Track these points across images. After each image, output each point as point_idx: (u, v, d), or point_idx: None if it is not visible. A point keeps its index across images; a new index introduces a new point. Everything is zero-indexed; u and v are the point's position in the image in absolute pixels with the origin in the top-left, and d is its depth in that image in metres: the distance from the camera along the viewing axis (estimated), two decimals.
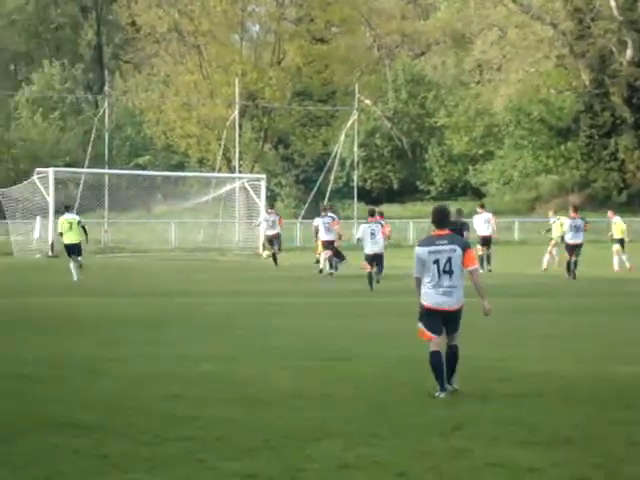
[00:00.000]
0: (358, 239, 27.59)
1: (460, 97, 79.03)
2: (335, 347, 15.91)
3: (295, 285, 28.88)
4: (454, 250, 11.70)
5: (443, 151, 79.03)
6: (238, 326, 18.86)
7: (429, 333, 11.74)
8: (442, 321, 11.74)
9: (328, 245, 32.41)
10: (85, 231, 29.75)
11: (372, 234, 26.87)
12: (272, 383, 12.66)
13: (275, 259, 35.93)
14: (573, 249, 30.66)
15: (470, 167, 78.37)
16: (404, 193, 77.93)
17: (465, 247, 11.82)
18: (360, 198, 61.94)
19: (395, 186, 79.59)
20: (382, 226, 28.47)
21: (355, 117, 59.19)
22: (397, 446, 9.31)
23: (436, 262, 11.65)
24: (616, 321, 20.38)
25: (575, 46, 72.79)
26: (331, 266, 32.11)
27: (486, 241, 33.84)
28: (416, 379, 12.72)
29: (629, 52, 71.87)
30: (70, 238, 29.24)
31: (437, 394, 11.57)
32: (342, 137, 60.49)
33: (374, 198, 75.46)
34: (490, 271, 32.70)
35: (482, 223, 33.87)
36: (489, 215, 34.70)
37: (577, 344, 16.63)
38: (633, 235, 44.20)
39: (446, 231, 11.90)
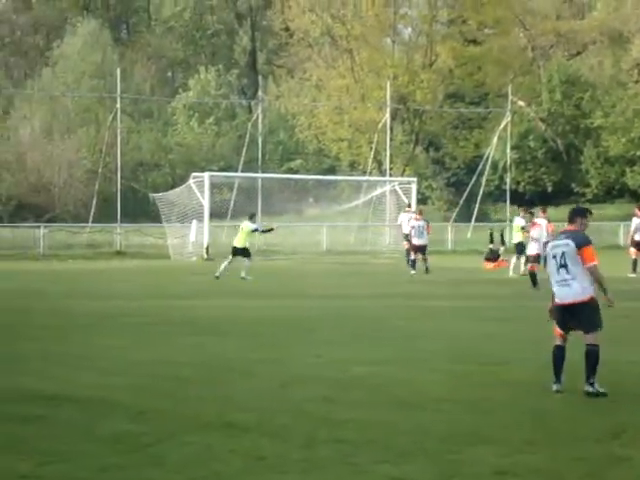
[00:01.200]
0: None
1: (617, 97, 77.23)
2: (488, 351, 15.71)
3: (447, 288, 28.68)
4: (567, 244, 12.00)
5: (599, 153, 77.34)
6: (389, 329, 18.82)
7: (556, 327, 12.29)
8: (564, 315, 12.10)
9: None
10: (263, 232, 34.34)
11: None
12: (424, 387, 12.58)
13: (414, 264, 35.07)
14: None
15: (627, 169, 76.50)
16: (558, 196, 76.51)
17: (582, 243, 11.98)
18: (513, 201, 61.16)
19: (549, 189, 78.26)
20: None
21: (508, 119, 58.51)
22: (553, 453, 9.12)
23: (554, 257, 12.15)
24: None
25: None
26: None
27: (638, 245, 32.87)
28: (571, 385, 12.45)
29: None
30: (236, 242, 32.24)
31: (553, 387, 12.02)
32: (494, 139, 59.87)
33: (527, 201, 74.35)
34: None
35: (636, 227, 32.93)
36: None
37: None
38: None
39: (571, 227, 12.27)
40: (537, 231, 28.70)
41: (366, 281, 31.85)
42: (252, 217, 33.54)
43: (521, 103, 72.96)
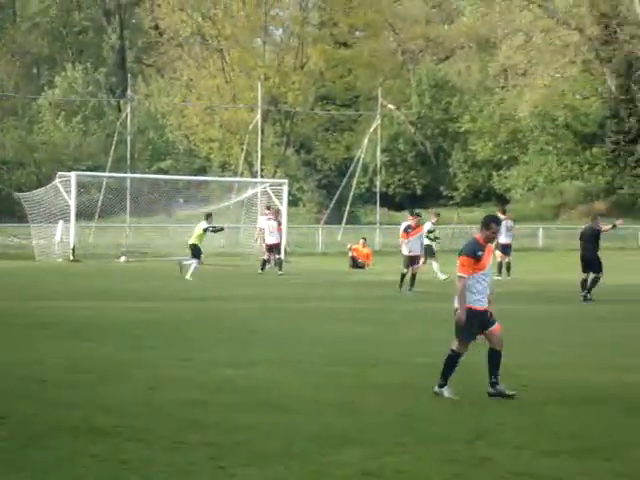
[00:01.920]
0: None
1: (484, 102, 78.78)
2: (359, 353, 15.78)
3: (318, 290, 28.75)
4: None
5: (467, 156, 78.79)
6: (260, 331, 18.76)
7: None
8: None
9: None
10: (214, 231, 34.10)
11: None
12: (295, 389, 12.55)
13: (264, 265, 35.34)
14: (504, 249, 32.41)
15: (494, 173, 78.09)
16: (427, 199, 77.62)
17: (459, 252, 12.23)
18: (383, 204, 61.76)
19: (418, 192, 79.36)
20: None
21: (378, 122, 59.05)
22: (420, 454, 9.17)
23: None
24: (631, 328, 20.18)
25: (601, 51, 72.42)
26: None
27: (506, 248, 33.47)
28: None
29: None
30: (190, 240, 33.27)
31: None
32: (365, 142, 60.35)
33: (397, 203, 75.28)
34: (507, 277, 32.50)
35: (504, 230, 33.40)
36: (511, 222, 34.33)
37: (598, 351, 16.48)
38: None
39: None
40: (420, 233, 28.83)
41: (237, 283, 31.72)
42: (208, 217, 33.80)
43: (391, 106, 73.69)
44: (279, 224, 36.50)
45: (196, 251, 32.73)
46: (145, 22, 73.07)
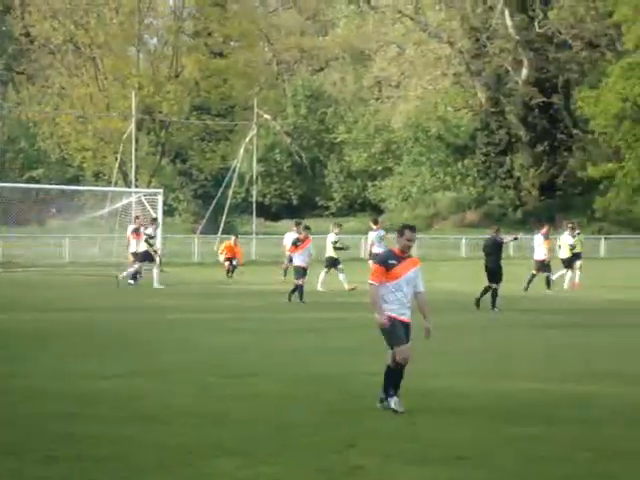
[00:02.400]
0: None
1: (359, 113, 79.63)
2: (236, 363, 15.78)
3: (195, 301, 28.63)
4: None
5: (342, 167, 79.50)
6: (137, 342, 18.61)
7: None
8: None
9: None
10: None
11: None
12: (168, 400, 12.49)
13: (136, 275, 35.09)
14: None
15: (369, 183, 78.96)
16: (303, 209, 78.08)
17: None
18: (259, 214, 61.84)
19: (294, 202, 79.75)
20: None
21: (254, 132, 59.11)
22: (294, 464, 9.25)
23: None
24: (510, 337, 20.63)
25: (472, 64, 73.95)
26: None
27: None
28: (315, 396, 12.72)
29: (524, 71, 73.25)
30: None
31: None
32: (241, 152, 60.34)
33: (273, 214, 75.53)
34: None
35: (377, 240, 33.75)
36: (383, 232, 34.67)
37: (471, 360, 16.78)
38: (528, 252, 44.79)
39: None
40: (309, 246, 28.85)
41: (111, 293, 31.37)
42: (154, 221, 34.90)
43: (267, 116, 73.96)
44: (137, 233, 35.71)
45: (146, 256, 33.22)
46: (16, 29, 71.74)
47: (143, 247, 34.46)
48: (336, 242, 32.87)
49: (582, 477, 8.87)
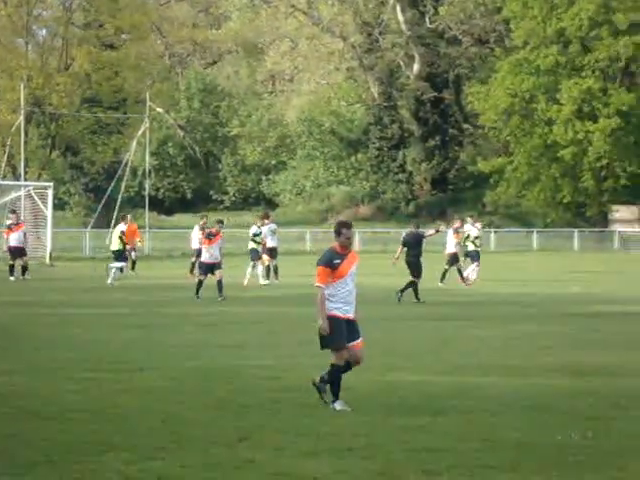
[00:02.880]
0: None
1: (253, 107, 79.54)
2: (123, 359, 15.65)
3: (87, 296, 28.27)
4: None
5: (237, 161, 79.32)
6: (19, 337, 18.31)
7: None
8: None
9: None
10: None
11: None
12: (55, 396, 12.33)
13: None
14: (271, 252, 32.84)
15: (263, 177, 78.94)
16: (197, 203, 77.72)
17: (317, 263, 11.93)
18: (152, 207, 61.33)
19: (188, 195, 79.32)
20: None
21: (146, 125, 58.58)
22: (183, 459, 9.20)
23: None
24: (402, 329, 20.84)
25: (364, 59, 74.42)
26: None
27: (272, 252, 33.90)
28: (205, 391, 12.69)
29: (416, 66, 73.98)
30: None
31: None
32: (133, 145, 59.76)
33: (167, 208, 75.01)
34: (277, 280, 32.97)
35: (269, 234, 33.87)
36: (274, 226, 34.77)
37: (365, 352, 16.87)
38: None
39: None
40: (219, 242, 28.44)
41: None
42: (124, 218, 34.17)
43: (160, 110, 73.31)
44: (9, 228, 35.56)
45: (119, 255, 32.73)
46: None
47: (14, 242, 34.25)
48: (257, 235, 32.94)
49: (468, 467, 8.99)
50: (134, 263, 38.00)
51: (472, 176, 73.98)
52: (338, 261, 11.73)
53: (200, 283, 26.97)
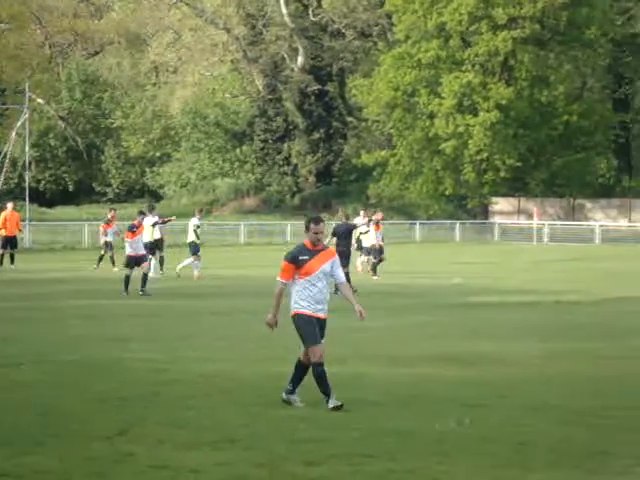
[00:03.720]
0: None
1: (136, 98, 78.73)
2: (4, 353, 15.38)
3: None
4: None
5: (120, 153, 78.44)
6: None
7: None
8: None
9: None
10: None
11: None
12: None
13: None
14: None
15: (147, 169, 78.24)
16: (80, 195, 76.67)
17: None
18: (32, 200, 60.24)
19: (70, 188, 78.17)
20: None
21: (26, 116, 57.46)
22: (61, 453, 9.10)
23: None
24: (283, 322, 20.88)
25: (249, 51, 74.28)
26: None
27: (158, 244, 33.63)
28: (85, 384, 12.57)
29: (300, 59, 74.12)
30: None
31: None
32: (13, 136, 58.63)
33: (48, 200, 73.78)
34: (162, 273, 32.75)
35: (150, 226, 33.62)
36: (158, 217, 34.44)
37: (248, 345, 16.90)
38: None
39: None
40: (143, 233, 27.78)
41: None
42: (151, 210, 32.88)
43: (40, 100, 72.11)
44: None
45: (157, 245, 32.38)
46: None
47: None
48: (199, 227, 32.69)
49: (348, 456, 9.09)
50: (12, 257, 37.03)
51: (356, 169, 74.50)
52: (305, 257, 11.27)
53: (127, 278, 25.82)
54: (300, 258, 11.29)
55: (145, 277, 25.98)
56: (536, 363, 15.02)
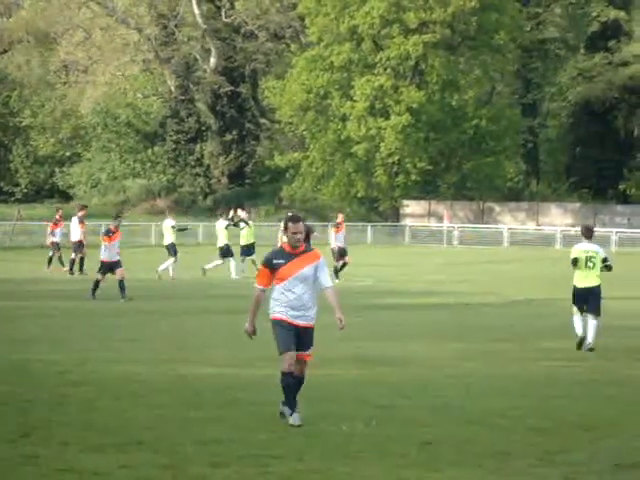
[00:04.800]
0: None
1: (46, 97, 77.74)
2: None
3: None
4: None
5: (29, 152, 77.34)
6: None
7: None
8: None
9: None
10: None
11: None
12: None
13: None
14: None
15: (57, 169, 77.29)
16: None
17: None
18: None
19: None
20: None
21: None
22: None
23: None
24: (198, 324, 20.86)
25: (160, 51, 73.82)
26: None
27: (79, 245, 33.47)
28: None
29: (213, 60, 73.91)
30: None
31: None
32: None
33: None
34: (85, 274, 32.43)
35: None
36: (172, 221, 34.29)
37: (158, 346, 16.84)
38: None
39: None
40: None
41: None
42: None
43: None
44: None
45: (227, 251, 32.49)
46: None
47: None
48: (174, 227, 32.58)
49: (256, 457, 9.11)
50: None
51: (269, 170, 74.50)
52: (280, 261, 10.43)
53: (97, 283, 25.21)
54: (274, 262, 10.44)
55: (122, 283, 24.97)
56: (443, 364, 15.21)
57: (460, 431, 10.39)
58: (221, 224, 33.37)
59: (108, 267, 25.49)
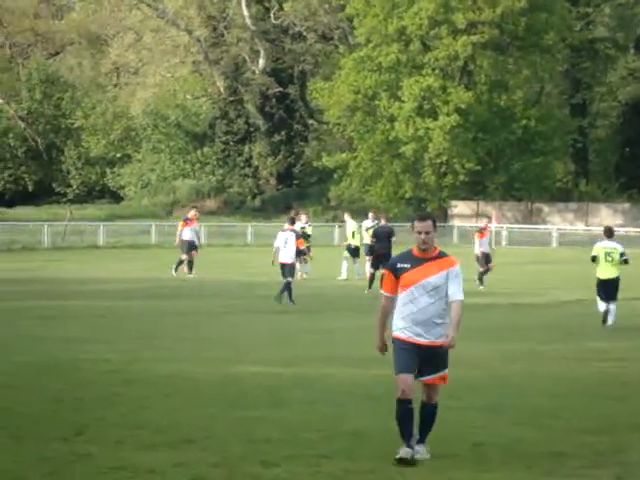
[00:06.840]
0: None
1: (97, 99, 78.40)
2: None
3: None
4: None
5: (80, 153, 78.06)
6: None
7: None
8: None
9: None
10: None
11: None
12: None
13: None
14: None
15: (108, 170, 77.91)
16: (40, 195, 76.20)
17: None
18: None
19: (30, 188, 77.66)
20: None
21: None
22: (17, 454, 9.09)
23: None
24: (244, 324, 20.93)
25: (210, 53, 74.17)
26: None
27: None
28: (41, 385, 12.55)
29: (261, 61, 74.12)
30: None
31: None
32: None
33: (7, 200, 73.29)
34: None
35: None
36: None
37: (205, 346, 16.92)
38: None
39: None
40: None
41: None
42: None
43: (0, 100, 71.65)
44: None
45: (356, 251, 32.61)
46: None
47: None
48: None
49: (305, 457, 9.14)
50: None
51: (317, 171, 74.53)
52: (406, 266, 9.17)
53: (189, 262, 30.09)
54: (399, 266, 9.17)
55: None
56: (492, 364, 15.16)
57: (511, 432, 10.36)
58: (367, 224, 33.27)
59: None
